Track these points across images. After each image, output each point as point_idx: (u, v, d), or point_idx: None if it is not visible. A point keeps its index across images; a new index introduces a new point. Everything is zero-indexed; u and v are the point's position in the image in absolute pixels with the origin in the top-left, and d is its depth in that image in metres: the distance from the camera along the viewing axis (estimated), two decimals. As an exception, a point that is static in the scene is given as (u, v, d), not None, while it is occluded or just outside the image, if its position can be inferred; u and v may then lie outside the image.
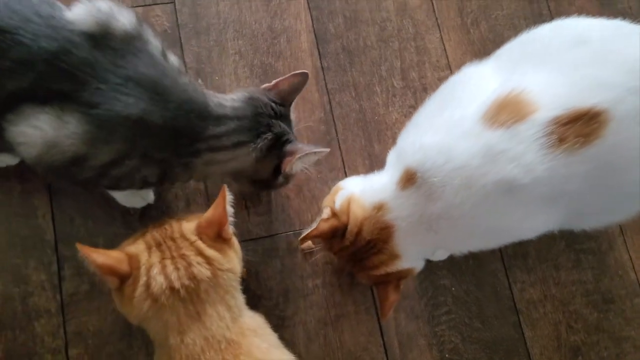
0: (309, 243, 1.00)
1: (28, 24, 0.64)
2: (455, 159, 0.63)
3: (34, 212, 0.97)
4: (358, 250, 0.77)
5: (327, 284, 0.99)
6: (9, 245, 0.95)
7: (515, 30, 1.13)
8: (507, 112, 0.60)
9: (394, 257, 0.74)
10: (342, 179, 1.04)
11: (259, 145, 0.77)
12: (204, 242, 0.67)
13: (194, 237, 0.67)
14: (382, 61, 1.10)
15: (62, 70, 0.65)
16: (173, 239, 0.67)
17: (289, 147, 0.79)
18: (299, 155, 0.77)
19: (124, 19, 0.70)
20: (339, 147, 1.05)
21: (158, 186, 0.79)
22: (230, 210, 0.72)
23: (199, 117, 0.73)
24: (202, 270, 0.65)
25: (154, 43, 0.74)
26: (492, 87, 0.66)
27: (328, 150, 0.83)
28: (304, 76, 0.83)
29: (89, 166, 0.70)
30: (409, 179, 0.69)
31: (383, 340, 0.97)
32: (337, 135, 1.06)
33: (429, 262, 1.01)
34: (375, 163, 1.05)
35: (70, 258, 0.96)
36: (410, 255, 0.74)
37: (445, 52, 1.11)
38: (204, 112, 0.74)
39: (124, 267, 0.65)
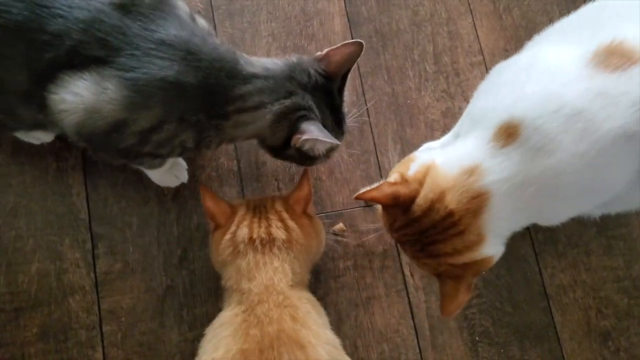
0: (340, 225, 1.00)
1: None
2: (571, 103, 0.56)
3: (69, 190, 0.98)
4: (429, 229, 0.64)
5: (359, 266, 0.99)
6: (45, 222, 0.96)
7: (547, 16, 1.13)
8: (617, 56, 0.57)
9: (479, 239, 0.62)
10: (373, 162, 1.04)
11: (273, 109, 0.74)
12: (289, 214, 0.77)
13: (280, 208, 0.78)
14: (414, 45, 1.09)
15: (96, 38, 0.67)
16: (265, 207, 0.78)
17: (303, 125, 0.75)
18: (305, 137, 0.73)
19: None
20: (371, 131, 1.05)
21: (194, 152, 0.80)
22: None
23: (228, 76, 0.72)
24: (278, 232, 0.74)
25: (182, 6, 0.75)
26: (576, 48, 0.63)
27: (338, 143, 0.76)
28: (358, 46, 0.78)
29: (130, 132, 0.70)
30: (510, 134, 0.59)
31: (414, 322, 0.97)
32: (369, 119, 1.06)
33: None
34: (407, 147, 1.04)
35: (104, 237, 0.97)
36: (497, 235, 0.63)
37: (478, 38, 1.11)
38: (233, 70, 0.73)
39: (222, 219, 0.76)
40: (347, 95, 0.85)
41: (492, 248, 0.64)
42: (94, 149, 0.79)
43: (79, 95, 0.67)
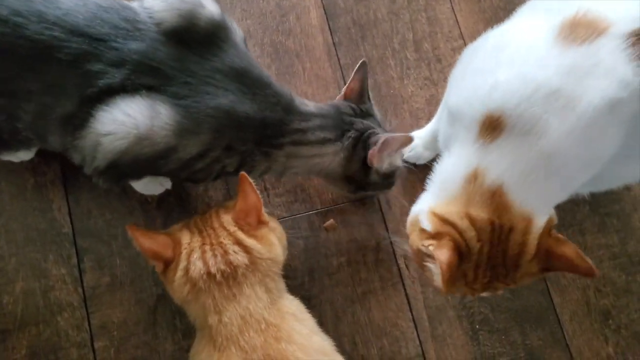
0: (331, 222, 0.98)
1: (118, 31, 0.66)
2: (546, 83, 0.55)
3: (50, 205, 0.95)
4: (492, 250, 0.60)
5: (352, 262, 0.97)
6: (26, 239, 0.93)
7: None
8: (582, 29, 0.56)
9: (526, 217, 0.59)
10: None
11: (345, 144, 0.79)
12: (244, 231, 0.69)
13: (232, 228, 0.69)
14: (394, 34, 1.08)
15: (150, 68, 0.67)
16: (213, 228, 0.70)
17: (372, 139, 0.80)
18: (380, 142, 0.77)
19: (210, 6, 0.71)
20: (356, 124, 1.03)
21: (234, 175, 0.76)
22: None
23: (285, 110, 0.75)
24: (238, 258, 0.67)
25: (237, 30, 0.75)
26: (543, 24, 0.62)
27: (410, 136, 0.82)
28: (363, 65, 0.85)
29: (177, 158, 0.69)
30: (495, 127, 0.58)
31: (412, 314, 0.96)
32: (352, 112, 1.04)
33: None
34: (393, 138, 1.03)
35: (89, 250, 0.94)
36: (539, 204, 0.60)
37: (457, 22, 1.09)
38: (290, 105, 0.76)
39: (168, 252, 0.68)
40: (329, 89, 0.85)
41: (544, 212, 0.61)
42: (115, 177, 0.76)
43: (131, 116, 0.65)
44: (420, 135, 0.98)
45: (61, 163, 0.96)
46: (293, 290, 0.91)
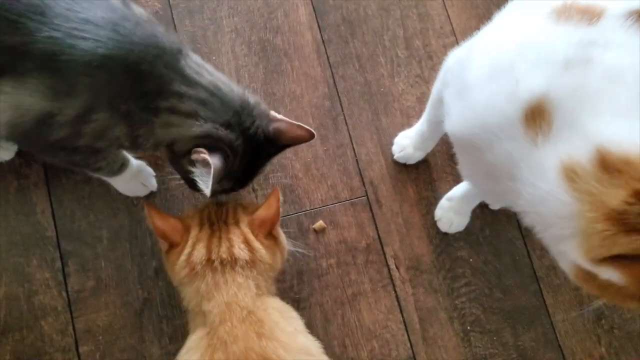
0: (320, 223, 0.97)
1: None
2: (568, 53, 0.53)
3: (33, 208, 0.93)
4: None
5: (342, 263, 0.96)
6: (9, 243, 0.91)
7: (518, -9, 1.09)
8: (578, 14, 0.55)
9: None
10: (350, 156, 1.00)
11: (204, 126, 0.67)
12: (254, 235, 0.72)
13: (246, 229, 0.72)
14: (384, 30, 1.06)
15: (7, 22, 0.59)
16: (226, 223, 0.72)
17: (214, 156, 0.67)
18: (202, 157, 0.66)
19: None
20: (345, 123, 1.01)
21: (133, 152, 0.75)
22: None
23: (167, 67, 0.66)
24: (242, 252, 0.69)
25: None
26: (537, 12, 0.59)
27: (207, 195, 0.68)
28: (310, 135, 0.76)
29: (58, 123, 0.64)
30: (541, 116, 0.54)
31: (403, 316, 0.94)
32: (342, 111, 1.02)
33: (444, 236, 0.98)
34: (383, 137, 1.01)
35: (74, 254, 0.92)
36: None
37: (449, 18, 1.07)
38: (175, 64, 0.67)
39: (176, 236, 0.71)
40: (319, 87, 0.80)
41: None
42: (34, 152, 0.75)
43: (2, 92, 0.62)
44: (409, 135, 0.96)
45: (44, 165, 0.94)
46: (282, 293, 0.90)
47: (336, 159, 1.00)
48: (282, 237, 0.78)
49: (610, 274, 0.51)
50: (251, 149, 0.73)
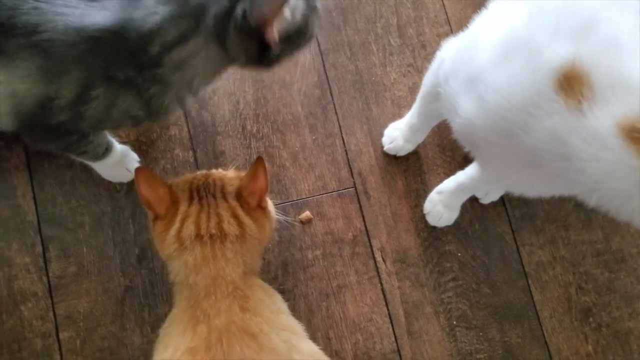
0: (307, 214, 0.95)
1: None
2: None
3: (14, 192, 0.92)
4: None
5: (328, 255, 0.94)
6: (-12, 227, 0.90)
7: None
8: None
9: None
10: (339, 146, 0.98)
11: (206, 36, 0.60)
12: (243, 209, 0.70)
13: (234, 202, 0.70)
14: (377, 18, 1.03)
15: None
16: (215, 197, 0.70)
17: (253, 13, 0.58)
18: (255, 12, 0.57)
19: None
20: (335, 112, 0.99)
21: (152, 122, 0.69)
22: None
23: (134, 7, 0.59)
24: (231, 227, 0.68)
25: None
26: None
27: None
28: None
29: (58, 107, 0.62)
30: (577, 80, 0.51)
31: (388, 310, 0.93)
32: (332, 100, 1.00)
33: (433, 229, 0.97)
34: (374, 127, 0.99)
35: (55, 239, 0.91)
36: None
37: (444, 7, 1.05)
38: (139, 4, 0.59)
39: (161, 209, 0.69)
40: (309, 75, 0.77)
41: None
42: (35, 140, 0.73)
43: None
44: (400, 127, 0.94)
45: (25, 149, 0.92)
46: (266, 283, 0.89)
47: (325, 148, 0.98)
48: (271, 206, 0.77)
49: None
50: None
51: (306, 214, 0.95)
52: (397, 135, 0.94)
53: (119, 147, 0.86)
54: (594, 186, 0.50)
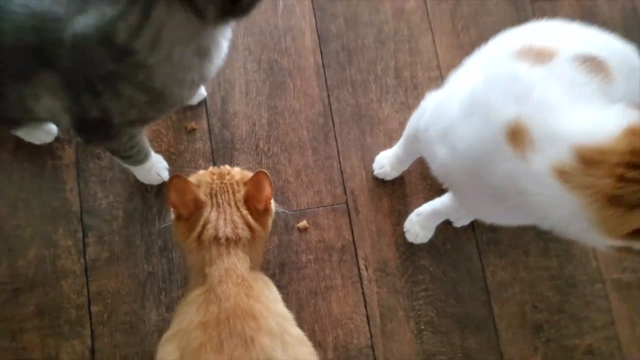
0: (304, 223, 1.12)
1: None
2: (530, 81, 0.68)
3: (63, 186, 1.10)
4: None
5: (319, 259, 1.11)
6: (42, 214, 1.08)
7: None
8: (533, 55, 0.68)
9: None
10: (336, 167, 1.15)
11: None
12: (252, 215, 0.85)
13: (244, 211, 0.85)
14: (378, 61, 1.20)
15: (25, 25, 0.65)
16: (229, 205, 0.85)
17: None
18: None
19: None
20: (335, 138, 1.16)
21: (164, 105, 0.77)
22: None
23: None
24: (244, 233, 0.83)
25: None
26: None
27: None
28: None
29: (86, 103, 0.73)
30: (520, 134, 0.66)
31: (366, 311, 1.09)
32: (333, 128, 1.17)
33: (410, 245, 1.13)
34: (367, 154, 1.16)
35: (93, 228, 1.09)
36: None
37: (437, 55, 1.21)
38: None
39: (185, 213, 0.83)
40: (315, 105, 0.94)
41: None
42: (91, 140, 0.88)
43: (42, 97, 0.74)
44: (388, 156, 1.11)
45: (76, 150, 1.11)
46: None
47: (324, 169, 1.15)
48: (273, 205, 0.92)
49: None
50: None
51: (303, 222, 1.12)
52: (385, 162, 1.11)
53: (154, 156, 1.04)
54: (543, 215, 0.63)
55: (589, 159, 0.58)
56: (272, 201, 0.92)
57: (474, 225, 1.14)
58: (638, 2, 1.31)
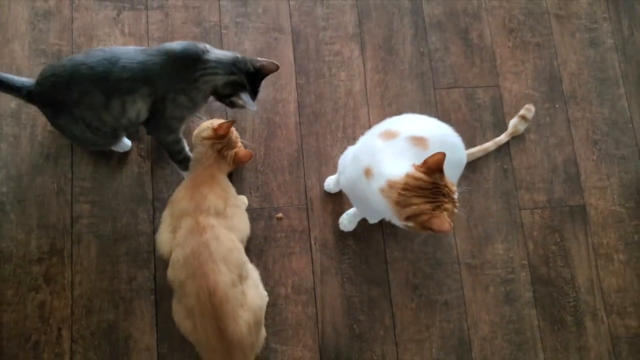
0: (280, 214, 1.89)
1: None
2: (380, 148, 1.39)
3: (143, 183, 1.91)
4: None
5: (287, 237, 1.87)
6: (131, 197, 1.89)
7: (412, 110, 2.01)
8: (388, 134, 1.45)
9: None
10: (302, 183, 1.93)
11: (225, 78, 1.59)
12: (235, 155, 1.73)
13: (233, 151, 1.76)
14: (333, 121, 1.99)
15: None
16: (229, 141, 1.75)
17: (242, 94, 1.61)
18: (243, 99, 1.61)
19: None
20: (303, 166, 1.94)
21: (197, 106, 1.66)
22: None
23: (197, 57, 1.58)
24: (231, 153, 1.70)
25: None
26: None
27: (255, 109, 1.66)
28: (276, 67, 1.62)
29: (156, 103, 1.57)
30: (369, 171, 1.36)
31: (312, 268, 1.84)
32: (303, 160, 1.95)
33: (342, 232, 1.87)
34: (321, 177, 1.93)
35: (160, 210, 1.89)
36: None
37: (369, 120, 1.99)
38: (201, 56, 1.58)
39: (223, 133, 1.69)
40: (292, 146, 1.75)
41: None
42: (159, 134, 1.71)
43: (136, 102, 1.57)
44: (332, 179, 1.88)
45: (151, 163, 1.93)
46: (251, 246, 1.82)
47: (294, 184, 1.93)
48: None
49: (410, 224, 1.25)
50: (251, 78, 1.60)
51: (280, 214, 1.89)
52: (331, 182, 1.88)
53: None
54: (381, 211, 1.38)
55: (392, 185, 1.36)
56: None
57: (382, 223, 1.89)
58: (503, 90, 2.07)
